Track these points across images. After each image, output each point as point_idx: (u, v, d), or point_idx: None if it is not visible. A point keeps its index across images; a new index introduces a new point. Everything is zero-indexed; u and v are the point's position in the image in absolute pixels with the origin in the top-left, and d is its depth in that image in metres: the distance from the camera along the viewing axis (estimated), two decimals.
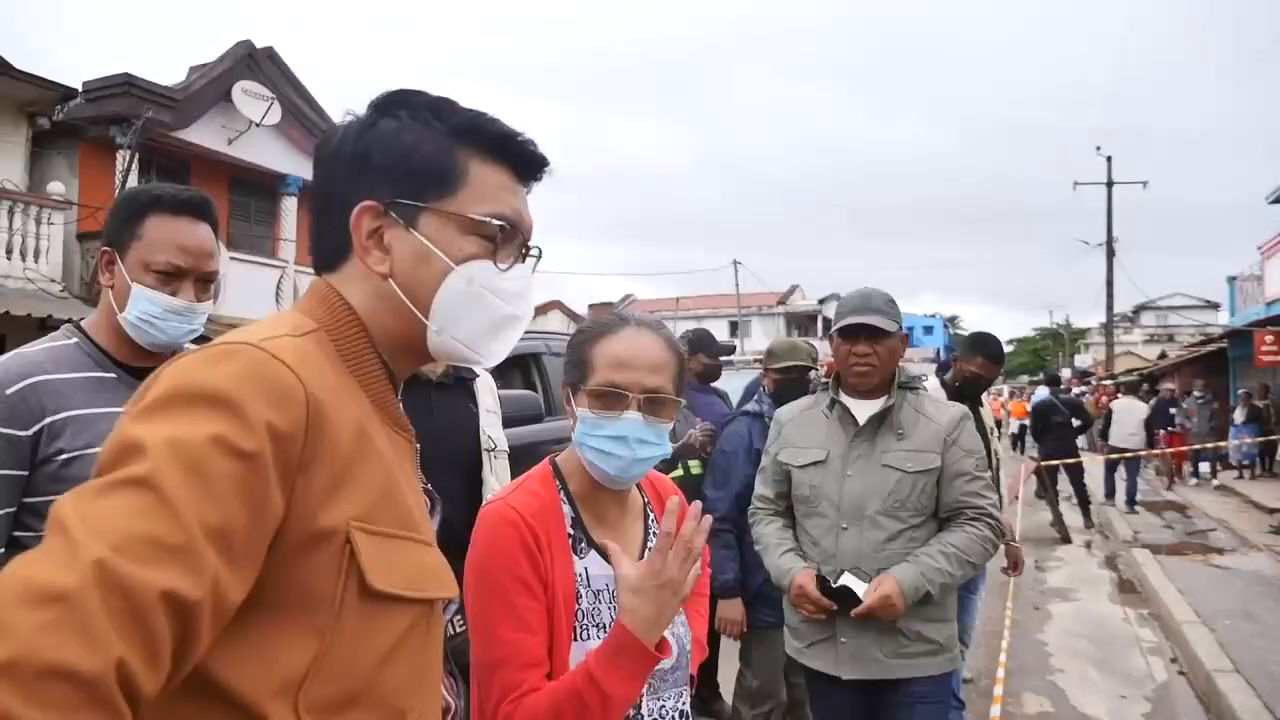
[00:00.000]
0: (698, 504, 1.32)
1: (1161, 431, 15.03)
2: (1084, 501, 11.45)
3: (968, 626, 4.13)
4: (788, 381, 3.71)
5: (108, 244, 1.74)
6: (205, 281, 1.76)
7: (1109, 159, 27.57)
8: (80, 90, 12.27)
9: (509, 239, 1.01)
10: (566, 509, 1.51)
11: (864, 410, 2.58)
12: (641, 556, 1.55)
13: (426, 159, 0.96)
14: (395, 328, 0.98)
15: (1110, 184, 27.65)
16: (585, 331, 1.54)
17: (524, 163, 1.03)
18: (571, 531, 1.49)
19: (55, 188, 11.88)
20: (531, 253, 1.06)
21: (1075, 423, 11.45)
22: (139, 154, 12.31)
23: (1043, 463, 11.13)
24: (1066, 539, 10.29)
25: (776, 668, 3.54)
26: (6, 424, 1.56)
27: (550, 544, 1.43)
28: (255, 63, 14.03)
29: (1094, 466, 13.06)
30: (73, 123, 12.44)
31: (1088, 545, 10.27)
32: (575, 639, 1.42)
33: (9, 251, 11.05)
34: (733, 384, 5.56)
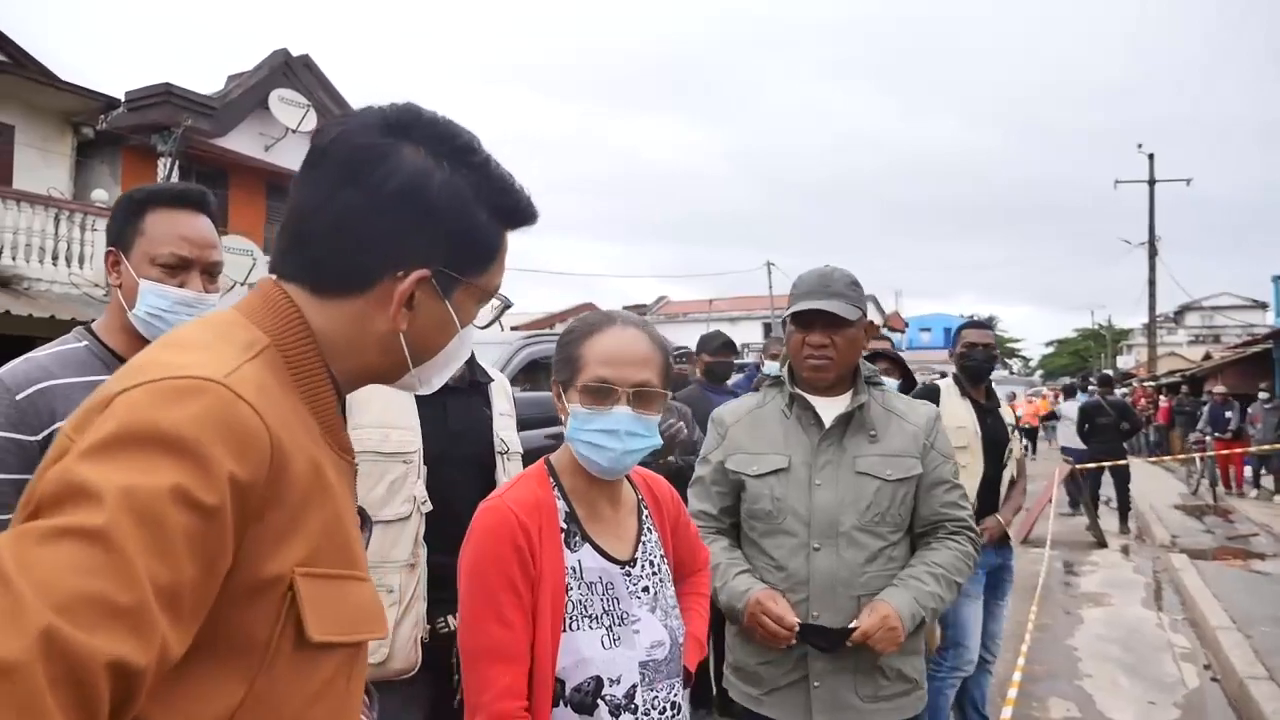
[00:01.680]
0: None
1: (1208, 438, 14.66)
2: (1124, 506, 11.25)
3: (994, 634, 4.10)
4: None
5: (112, 244, 1.77)
6: (210, 273, 1.79)
7: (1150, 156, 27.07)
8: (123, 100, 12.62)
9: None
10: (561, 504, 1.56)
11: (829, 409, 2.24)
12: (635, 550, 1.61)
13: (483, 240, 0.98)
14: (378, 364, 0.97)
15: (1152, 181, 27.13)
16: (574, 331, 1.59)
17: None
18: (565, 526, 1.54)
19: (99, 195, 12.20)
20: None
21: (1124, 426, 11.26)
22: (179, 161, 12.63)
23: (1086, 466, 10.96)
24: (1102, 543, 10.12)
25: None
26: (15, 429, 1.57)
27: (542, 538, 1.49)
28: (291, 70, 14.33)
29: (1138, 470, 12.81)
30: (116, 132, 12.79)
31: (1124, 550, 10.08)
32: (566, 629, 1.47)
33: (55, 257, 11.37)
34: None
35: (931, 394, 3.96)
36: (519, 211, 1.02)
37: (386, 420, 2.07)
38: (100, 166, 13.07)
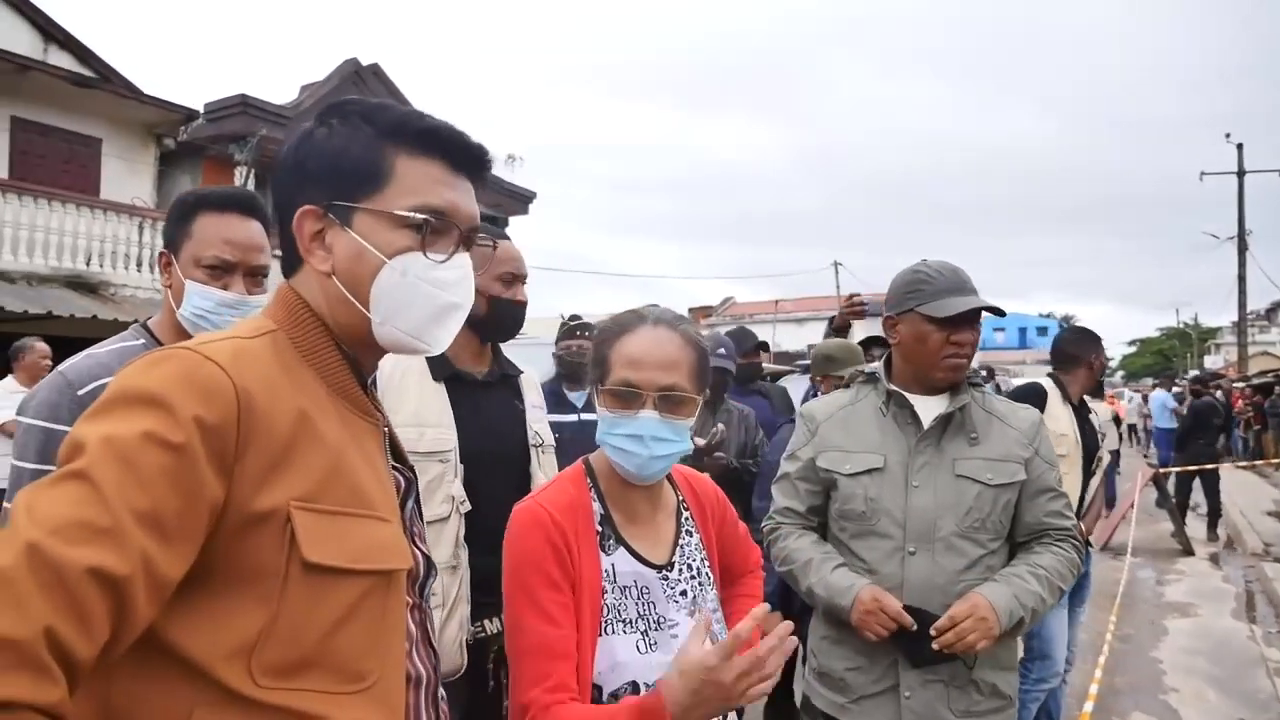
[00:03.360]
0: (786, 624, 1.22)
1: None
2: (1214, 512, 10.76)
3: (1070, 642, 3.94)
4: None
5: (165, 246, 1.82)
6: (255, 275, 1.82)
7: (1239, 146, 25.84)
8: (202, 112, 13.08)
9: (442, 230, 1.05)
10: (596, 506, 1.53)
11: (928, 409, 2.16)
12: (673, 553, 1.56)
13: (354, 160, 1.02)
14: (346, 321, 1.05)
15: (1241, 173, 25.90)
16: (606, 331, 1.55)
17: (457, 154, 1.07)
18: (600, 528, 1.51)
19: None
20: (481, 242, 1.11)
21: (1218, 423, 10.81)
22: (255, 169, 13.02)
23: (1181, 469, 10.52)
24: (1189, 551, 9.69)
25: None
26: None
27: (578, 540, 1.46)
28: (361, 79, 14.65)
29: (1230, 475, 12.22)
30: (196, 142, 13.27)
31: (1212, 558, 9.63)
32: (601, 634, 1.44)
33: (139, 264, 11.83)
34: (798, 387, 5.31)
35: (1037, 396, 3.74)
36: (402, 122, 1.04)
37: (421, 418, 2.01)
38: (181, 176, 13.54)
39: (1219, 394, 11.59)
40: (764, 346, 4.79)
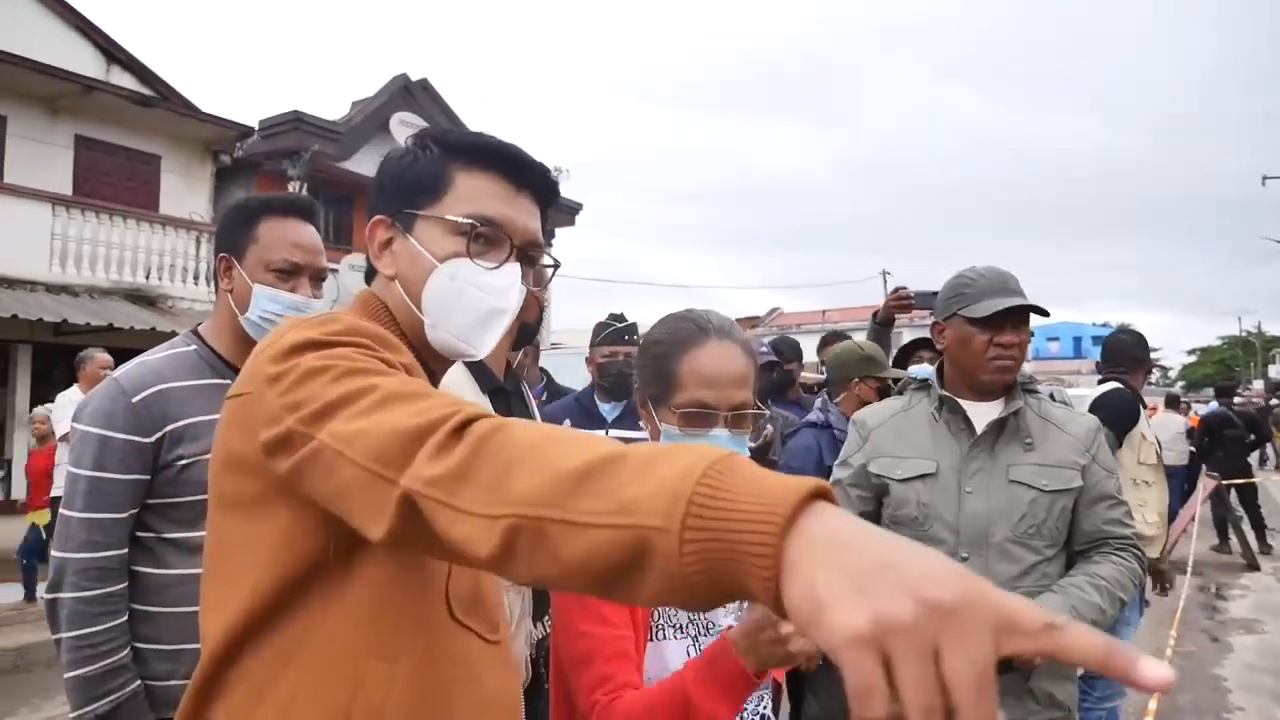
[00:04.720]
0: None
1: None
2: (1259, 525, 10.38)
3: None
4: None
5: (224, 251, 1.82)
6: (318, 279, 1.85)
7: None
8: (256, 128, 13.40)
9: (494, 239, 1.10)
10: None
11: (981, 414, 2.15)
12: None
13: (418, 174, 1.10)
14: (409, 324, 1.10)
15: None
16: (666, 343, 1.49)
17: (516, 171, 1.12)
18: None
19: None
20: (544, 263, 1.17)
21: (1249, 437, 10.40)
22: (307, 184, 13.29)
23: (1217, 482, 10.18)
24: (1253, 565, 9.37)
25: (843, 698, 3.00)
26: (132, 431, 1.65)
27: None
28: (410, 94, 14.89)
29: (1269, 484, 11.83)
30: (250, 158, 13.60)
31: (1277, 572, 9.30)
32: (652, 638, 1.42)
33: (196, 277, 12.15)
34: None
35: (1132, 407, 3.55)
36: (463, 138, 1.12)
37: None
38: (236, 191, 13.83)
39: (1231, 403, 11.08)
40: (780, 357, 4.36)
